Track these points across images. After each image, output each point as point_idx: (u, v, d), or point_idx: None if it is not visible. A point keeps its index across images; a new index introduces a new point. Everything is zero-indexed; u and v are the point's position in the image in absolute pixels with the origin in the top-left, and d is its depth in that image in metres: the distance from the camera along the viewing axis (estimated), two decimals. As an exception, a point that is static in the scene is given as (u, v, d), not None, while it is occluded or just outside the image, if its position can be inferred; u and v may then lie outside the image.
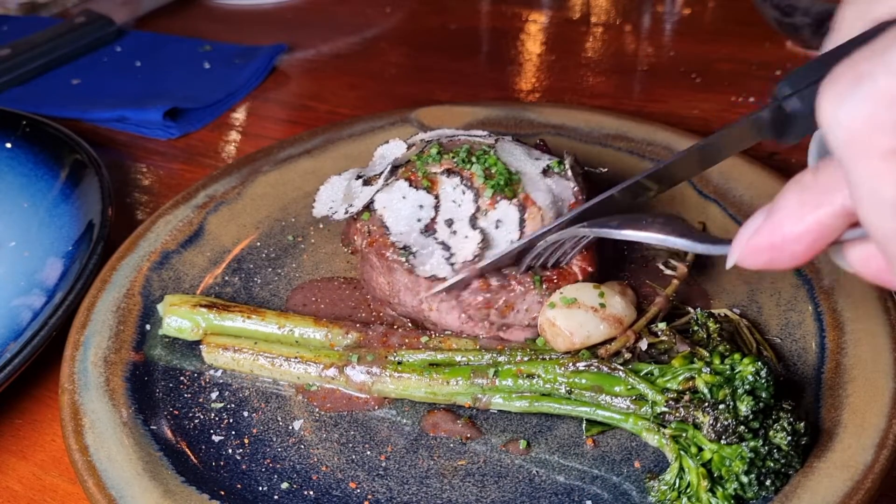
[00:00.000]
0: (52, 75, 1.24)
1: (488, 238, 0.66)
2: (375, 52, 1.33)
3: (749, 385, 0.56)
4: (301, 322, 0.70)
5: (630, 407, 0.60)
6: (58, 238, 0.83)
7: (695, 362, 0.59)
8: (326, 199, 0.76)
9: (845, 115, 0.32)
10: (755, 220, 0.40)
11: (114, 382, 0.66)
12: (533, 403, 0.63)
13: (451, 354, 0.66)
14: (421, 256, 0.67)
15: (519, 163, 0.71)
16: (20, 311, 0.74)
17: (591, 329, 0.63)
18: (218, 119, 1.14)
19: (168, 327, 0.70)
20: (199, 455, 0.62)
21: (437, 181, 0.69)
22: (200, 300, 0.72)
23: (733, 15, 1.33)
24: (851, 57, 0.33)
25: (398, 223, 0.68)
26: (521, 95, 1.17)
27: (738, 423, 0.55)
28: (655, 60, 1.25)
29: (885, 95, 0.31)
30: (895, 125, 0.31)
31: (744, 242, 0.40)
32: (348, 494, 0.60)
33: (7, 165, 0.95)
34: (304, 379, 0.67)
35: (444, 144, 0.73)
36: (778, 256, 0.38)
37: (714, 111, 1.07)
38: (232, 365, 0.69)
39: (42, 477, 0.65)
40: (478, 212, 0.67)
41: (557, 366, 0.62)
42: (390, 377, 0.65)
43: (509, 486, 0.60)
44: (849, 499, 0.53)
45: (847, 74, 0.33)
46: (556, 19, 1.40)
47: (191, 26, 1.42)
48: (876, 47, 0.32)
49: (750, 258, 0.40)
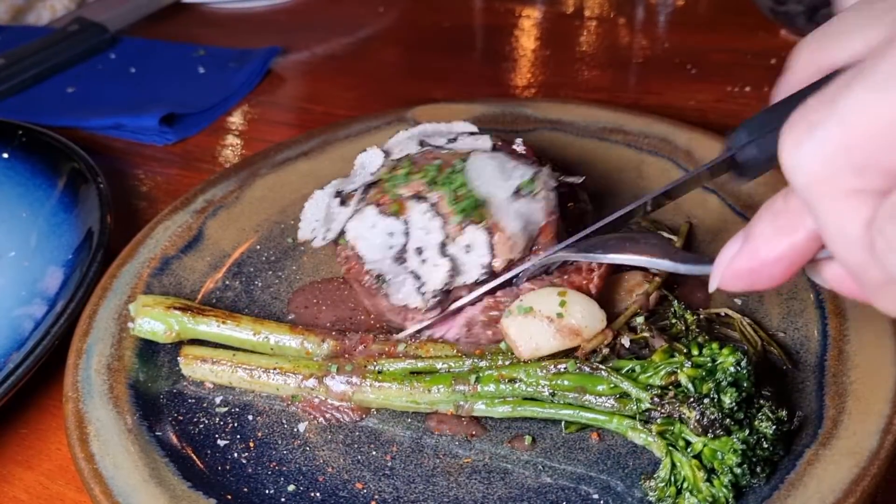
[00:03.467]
0: (47, 84, 1.24)
1: (457, 265, 0.65)
2: (370, 52, 1.33)
3: (731, 376, 0.56)
4: (276, 329, 0.69)
5: (614, 406, 0.59)
6: (58, 247, 0.83)
7: (675, 356, 0.59)
8: (311, 218, 0.76)
9: (804, 160, 0.34)
10: (733, 245, 0.41)
11: (117, 389, 0.66)
12: (516, 408, 0.62)
13: (431, 362, 0.65)
14: (395, 284, 0.67)
15: (488, 185, 0.68)
16: (22, 321, 0.74)
17: (539, 341, 0.61)
18: (214, 123, 1.14)
19: (140, 329, 0.69)
20: (205, 460, 0.62)
21: (406, 206, 0.68)
22: (174, 302, 0.70)
23: (727, 4, 1.33)
24: (805, 105, 0.35)
25: (371, 251, 0.68)
26: (516, 91, 1.17)
27: (724, 416, 0.55)
28: (650, 52, 1.25)
29: (837, 142, 0.33)
30: (850, 168, 0.33)
31: (724, 267, 0.42)
32: (355, 495, 0.60)
33: (4, 176, 0.95)
34: (283, 390, 0.66)
35: (415, 160, 0.71)
36: (757, 280, 0.40)
37: (710, 101, 1.07)
38: (210, 377, 0.68)
39: (49, 486, 0.65)
40: (447, 238, 0.66)
41: (539, 369, 0.61)
42: (370, 387, 0.64)
43: (515, 482, 0.60)
44: (855, 485, 0.53)
45: (802, 123, 0.34)
46: (550, 14, 1.40)
47: (184, 31, 1.42)
48: (826, 96, 0.34)
49: (730, 282, 0.42)
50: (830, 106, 0.33)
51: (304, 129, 1.09)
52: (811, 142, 0.33)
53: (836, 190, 0.34)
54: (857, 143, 0.32)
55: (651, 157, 0.88)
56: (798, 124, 0.34)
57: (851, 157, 0.32)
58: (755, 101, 1.06)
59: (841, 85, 0.33)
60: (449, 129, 0.78)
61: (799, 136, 0.34)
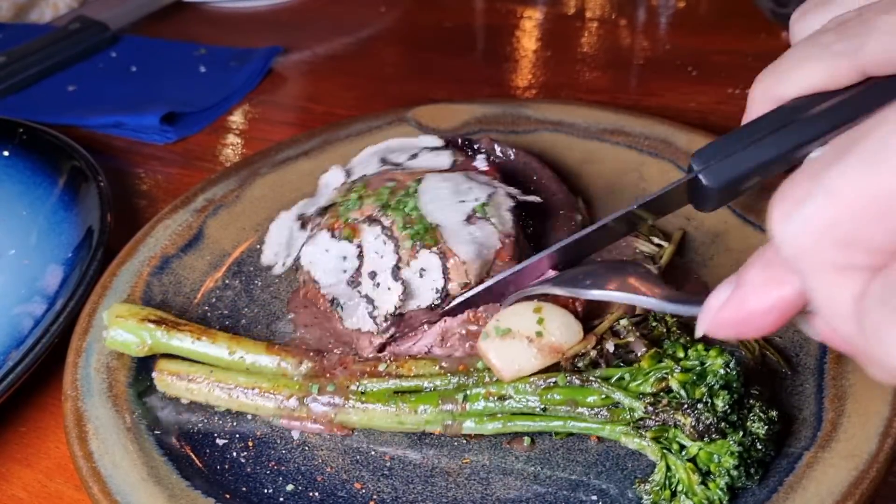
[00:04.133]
0: (48, 82, 1.24)
1: (410, 289, 0.65)
2: (371, 52, 1.33)
3: (722, 379, 0.56)
4: (252, 348, 0.66)
5: (607, 416, 0.59)
6: (57, 245, 0.83)
7: (663, 361, 0.58)
8: (274, 242, 0.76)
9: (791, 234, 0.34)
10: (722, 292, 0.41)
11: (117, 388, 0.66)
12: (506, 424, 0.61)
13: (416, 382, 0.63)
14: (348, 308, 0.66)
15: (441, 210, 0.68)
16: (21, 319, 0.74)
17: (521, 364, 0.60)
18: (214, 122, 1.14)
19: (112, 340, 0.66)
20: (204, 459, 0.62)
21: (359, 229, 0.68)
22: (149, 314, 0.68)
23: (728, 7, 1.33)
24: (793, 178, 0.35)
25: (326, 276, 0.67)
26: (517, 92, 1.17)
27: (718, 420, 0.55)
28: (651, 54, 1.25)
29: (823, 217, 0.33)
30: (837, 243, 0.33)
31: (712, 314, 0.41)
32: (353, 495, 0.60)
33: (5, 174, 0.95)
34: (262, 411, 0.65)
35: (369, 182, 0.71)
36: (744, 329, 0.40)
37: (711, 103, 1.07)
38: (186, 395, 0.66)
39: (47, 484, 0.66)
40: (400, 262, 0.66)
41: (528, 384, 0.60)
42: (353, 408, 0.63)
43: (514, 483, 0.60)
44: (854, 488, 0.53)
45: (789, 196, 0.34)
46: (551, 15, 1.40)
47: (186, 30, 1.42)
48: (813, 170, 0.34)
49: (717, 330, 0.41)
50: (817, 181, 0.33)
51: (304, 128, 1.09)
52: (798, 216, 0.33)
53: (824, 265, 0.34)
54: (843, 220, 0.32)
55: (652, 158, 0.88)
56: (786, 197, 0.34)
57: (838, 232, 0.32)
58: (756, 104, 1.05)
59: (828, 160, 0.33)
60: (415, 143, 0.78)
61: (786, 210, 0.34)
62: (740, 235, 0.77)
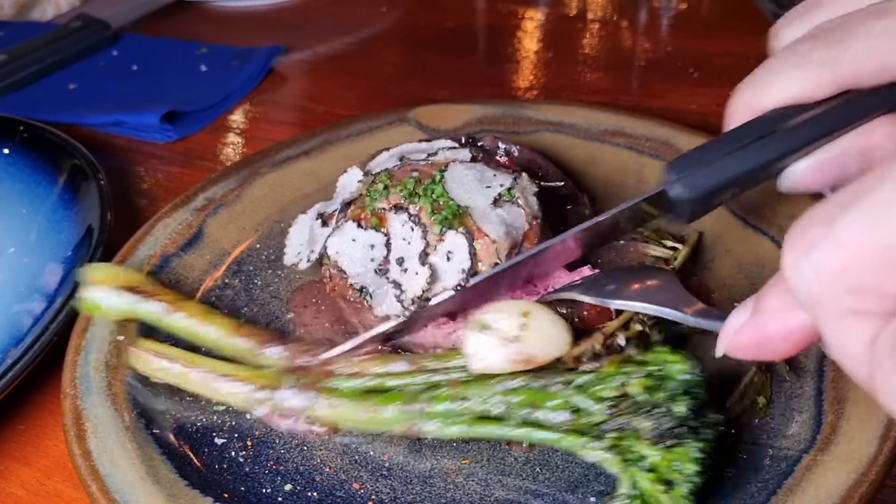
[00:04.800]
0: (49, 80, 1.24)
1: (437, 273, 0.65)
2: (372, 52, 1.33)
3: (682, 385, 0.55)
4: (222, 325, 0.66)
5: (569, 419, 0.57)
6: (57, 243, 0.82)
7: (626, 367, 0.57)
8: (297, 242, 0.76)
9: (803, 280, 0.34)
10: (741, 314, 0.40)
11: (116, 387, 0.66)
12: (470, 428, 0.60)
13: (382, 380, 0.62)
14: (377, 296, 0.66)
15: (469, 193, 0.68)
16: (21, 317, 0.74)
17: (491, 362, 0.58)
18: (215, 122, 1.14)
19: (86, 302, 0.66)
20: (203, 458, 0.62)
21: (386, 218, 0.68)
22: (128, 279, 0.67)
23: (729, 9, 1.33)
24: (804, 221, 0.35)
25: (353, 265, 0.67)
26: (518, 93, 1.17)
27: (678, 425, 0.53)
28: (652, 56, 1.25)
29: (834, 265, 0.33)
30: (849, 290, 0.33)
31: (730, 336, 0.41)
32: (352, 495, 0.60)
33: (5, 171, 0.95)
34: (231, 399, 0.64)
35: (393, 174, 0.71)
36: (763, 353, 0.40)
37: (712, 105, 1.07)
38: (159, 374, 0.65)
39: (45, 482, 0.65)
40: (427, 247, 0.66)
41: (492, 385, 0.59)
42: (323, 403, 0.62)
43: (513, 483, 0.60)
44: (853, 491, 0.53)
45: (801, 241, 0.34)
46: (553, 16, 1.40)
47: (187, 29, 1.42)
48: (825, 214, 0.33)
49: (735, 352, 0.41)
50: (829, 226, 0.33)
51: (305, 128, 1.09)
52: (810, 262, 0.33)
53: (836, 310, 0.34)
54: (854, 268, 0.32)
55: (652, 160, 0.88)
56: (797, 241, 0.34)
57: (849, 280, 0.32)
58: (757, 106, 1.06)
59: (840, 205, 0.33)
60: (430, 146, 0.78)
61: (798, 255, 0.34)
62: (740, 237, 0.77)
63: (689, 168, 0.49)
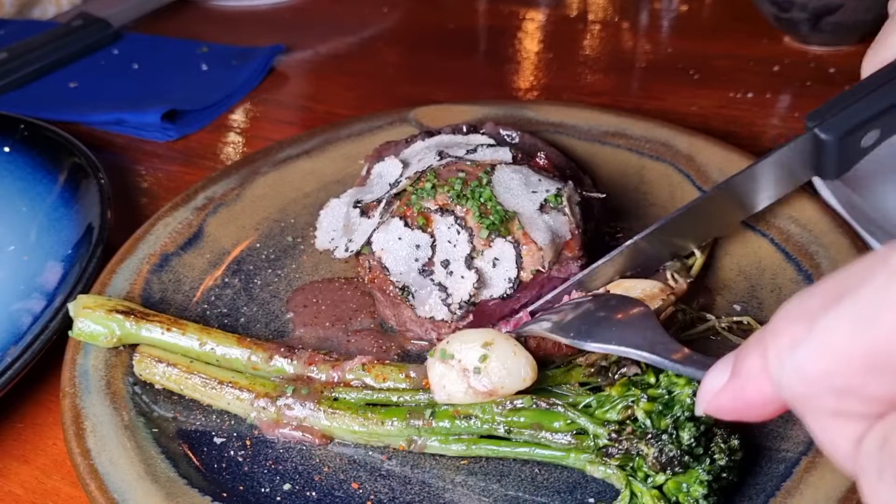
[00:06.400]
0: (50, 79, 1.24)
1: (484, 278, 0.66)
2: (373, 52, 1.33)
3: (689, 409, 0.54)
4: (223, 340, 0.66)
5: (571, 442, 0.58)
6: (57, 242, 0.82)
7: (632, 389, 0.57)
8: (328, 227, 0.76)
9: (788, 379, 0.34)
10: (719, 374, 0.40)
11: (115, 385, 0.66)
12: (470, 447, 0.60)
13: (387, 394, 0.63)
14: (420, 297, 0.67)
15: (516, 198, 0.69)
16: (20, 316, 0.74)
17: (452, 393, 0.59)
18: (216, 121, 1.14)
19: (79, 332, 0.66)
20: (201, 457, 0.62)
21: (432, 219, 0.68)
22: (117, 304, 0.67)
23: (730, 11, 1.33)
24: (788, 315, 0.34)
25: (397, 264, 0.68)
26: (519, 94, 1.17)
27: (682, 453, 0.53)
28: (653, 57, 1.25)
29: (817, 366, 0.32)
30: (832, 392, 0.32)
31: (708, 397, 0.40)
32: (351, 495, 0.60)
33: (5, 169, 0.95)
34: (233, 406, 0.64)
35: (439, 173, 0.71)
36: (744, 416, 0.39)
37: (712, 107, 1.07)
38: (162, 380, 0.65)
39: (44, 481, 0.65)
40: (473, 251, 0.66)
41: (495, 405, 0.59)
42: (324, 414, 0.62)
43: (512, 484, 0.60)
44: (851, 493, 0.53)
45: (784, 337, 0.34)
46: (554, 17, 1.40)
47: (188, 28, 1.42)
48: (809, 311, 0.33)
49: (717, 414, 0.41)
50: (812, 326, 0.32)
51: (305, 127, 1.09)
52: (792, 362, 0.33)
53: (821, 410, 0.33)
54: (837, 371, 0.31)
55: (652, 161, 0.88)
56: (780, 336, 0.34)
57: (833, 382, 0.32)
58: (757, 108, 1.06)
59: (824, 305, 0.32)
60: (466, 140, 0.78)
61: (781, 351, 0.34)
62: (740, 238, 0.77)
63: (828, 114, 0.55)
